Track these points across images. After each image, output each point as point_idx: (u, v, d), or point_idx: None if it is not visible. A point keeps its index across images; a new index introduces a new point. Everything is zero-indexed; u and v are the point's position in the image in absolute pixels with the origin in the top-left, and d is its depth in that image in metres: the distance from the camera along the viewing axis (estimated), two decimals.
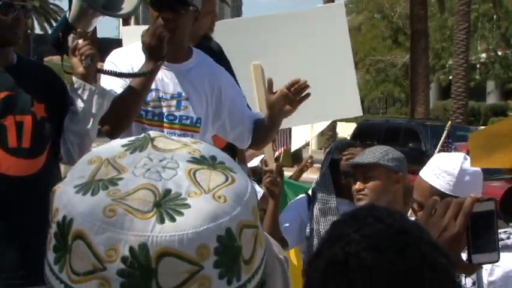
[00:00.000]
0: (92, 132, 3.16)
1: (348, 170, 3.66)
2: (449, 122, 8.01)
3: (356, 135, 21.81)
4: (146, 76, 3.19)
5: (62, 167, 3.37)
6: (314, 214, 3.77)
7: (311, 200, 3.84)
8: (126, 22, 40.72)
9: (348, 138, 34.59)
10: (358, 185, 3.52)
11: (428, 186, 2.97)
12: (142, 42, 3.21)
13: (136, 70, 3.26)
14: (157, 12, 3.25)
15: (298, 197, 4.10)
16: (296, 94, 3.39)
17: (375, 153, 3.53)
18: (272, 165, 4.02)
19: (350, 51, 5.12)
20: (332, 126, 27.68)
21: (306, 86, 3.39)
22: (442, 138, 7.00)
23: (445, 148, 6.82)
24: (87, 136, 3.15)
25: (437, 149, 6.81)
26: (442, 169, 2.99)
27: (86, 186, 0.99)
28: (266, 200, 3.73)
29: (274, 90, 3.45)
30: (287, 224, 3.82)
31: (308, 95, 3.41)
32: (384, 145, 3.80)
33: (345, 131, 34.32)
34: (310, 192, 3.95)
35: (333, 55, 4.97)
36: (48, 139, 3.11)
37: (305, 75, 4.83)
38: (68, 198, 0.99)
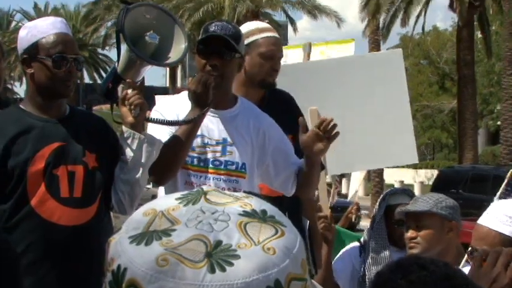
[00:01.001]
0: (142, 180, 3.19)
1: (401, 218, 3.64)
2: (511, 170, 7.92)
3: (438, 182, 20.32)
4: (192, 123, 3.21)
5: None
6: (366, 262, 3.76)
7: (363, 248, 3.83)
8: (173, 70, 41.25)
9: (396, 184, 34.28)
10: (410, 233, 3.47)
11: (497, 234, 2.87)
12: (188, 90, 3.25)
13: (182, 118, 3.29)
14: (204, 59, 3.30)
15: (350, 245, 4.09)
16: (325, 132, 3.37)
17: (428, 201, 3.49)
18: (327, 211, 4.05)
19: (407, 97, 5.08)
20: (379, 172, 27.49)
21: (334, 125, 3.38)
22: (503, 185, 6.93)
23: (505, 196, 6.71)
24: (137, 185, 3.18)
25: (497, 195, 6.72)
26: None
27: (140, 236, 1.03)
28: None
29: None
30: (339, 272, 3.83)
31: (337, 133, 3.39)
32: (470, 193, 3.73)
33: (392, 177, 34.06)
34: (362, 240, 3.95)
35: (390, 101, 4.95)
36: (100, 188, 3.14)
37: (362, 120, 4.84)
38: (122, 248, 1.02)
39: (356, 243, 3.98)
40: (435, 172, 32.09)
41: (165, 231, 1.02)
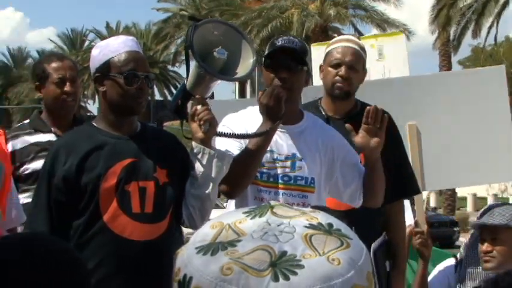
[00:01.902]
0: (213, 195, 3.20)
1: (476, 230, 3.59)
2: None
3: None
4: (263, 137, 3.22)
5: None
6: (462, 278, 3.71)
7: (459, 264, 3.78)
8: (242, 85, 41.48)
9: (469, 197, 33.69)
10: (485, 247, 3.41)
11: None
12: (260, 103, 3.25)
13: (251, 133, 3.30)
14: (272, 73, 3.32)
15: (446, 261, 4.04)
16: (375, 122, 3.34)
17: (504, 215, 3.42)
18: (424, 227, 4.02)
19: (509, 114, 4.95)
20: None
21: (380, 111, 3.33)
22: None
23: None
24: (208, 200, 3.19)
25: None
26: None
27: (206, 247, 1.05)
28: None
29: (429, 152, 3.41)
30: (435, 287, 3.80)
31: (386, 117, 3.34)
32: None
33: (465, 190, 33.47)
34: (458, 255, 3.90)
35: (490, 118, 4.84)
36: (171, 204, 3.16)
37: (461, 136, 4.79)
38: (189, 258, 1.05)
39: (452, 259, 3.93)
40: (509, 184, 31.44)
41: (230, 242, 1.04)
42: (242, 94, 45.74)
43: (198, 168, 3.17)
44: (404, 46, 5.99)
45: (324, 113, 3.86)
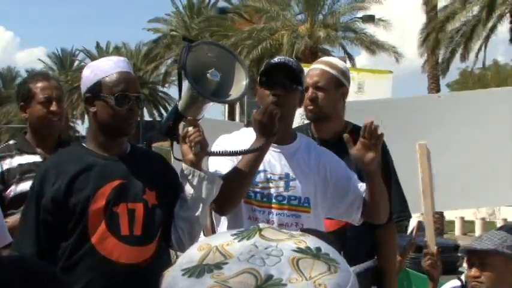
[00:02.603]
0: (202, 218, 3.19)
1: (464, 255, 3.59)
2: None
3: None
4: (256, 153, 3.22)
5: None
6: None
7: (464, 286, 3.77)
8: (231, 107, 41.49)
9: (456, 220, 33.67)
10: (474, 272, 3.40)
11: None
12: (254, 120, 3.25)
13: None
14: (267, 90, 3.32)
15: (450, 283, 4.05)
16: (371, 138, 3.31)
17: (492, 239, 3.42)
18: (433, 248, 4.01)
19: None
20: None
21: (376, 127, 3.31)
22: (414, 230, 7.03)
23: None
24: (197, 223, 3.17)
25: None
26: None
27: (192, 269, 1.05)
28: None
29: (439, 173, 3.39)
30: None
31: (382, 134, 3.32)
32: None
33: (452, 213, 33.46)
34: (463, 277, 3.89)
35: (501, 139, 4.81)
36: (159, 226, 3.14)
37: (473, 157, 4.78)
38: (174, 280, 1.05)
39: (457, 281, 3.93)
40: (497, 209, 31.44)
41: (217, 265, 1.04)
42: (231, 115, 45.73)
43: (188, 190, 3.15)
44: (390, 85, 6.02)
45: (311, 135, 3.87)
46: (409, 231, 11.62)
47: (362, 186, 3.50)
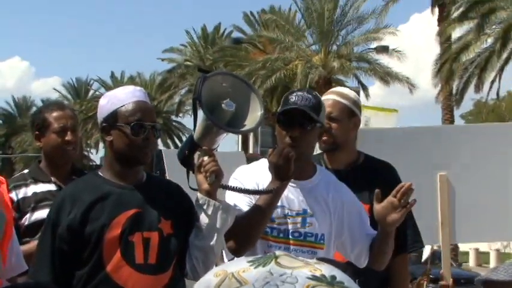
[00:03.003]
0: (217, 248, 3.17)
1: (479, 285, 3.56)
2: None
3: None
4: (272, 194, 3.21)
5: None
6: None
7: None
8: (245, 136, 41.59)
9: (471, 252, 33.47)
10: None
11: None
12: (269, 162, 3.25)
13: (261, 187, 3.29)
14: (284, 130, 3.32)
15: None
16: (402, 199, 3.29)
17: (508, 271, 3.41)
18: (449, 280, 4.00)
19: None
20: None
21: (410, 190, 3.29)
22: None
23: None
24: (212, 252, 3.16)
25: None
26: None
27: None
28: None
29: (459, 204, 3.38)
30: None
31: (414, 201, 3.30)
32: None
33: (466, 244, 33.30)
34: None
35: None
36: (174, 255, 3.14)
37: (490, 189, 4.76)
38: None
39: None
40: None
41: None
42: (245, 144, 45.82)
43: (203, 219, 3.14)
44: (395, 123, 6.03)
45: (324, 166, 3.87)
46: (423, 259, 11.59)
47: (373, 233, 3.51)
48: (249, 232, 3.23)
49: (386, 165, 4.06)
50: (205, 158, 3.17)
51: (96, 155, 59.02)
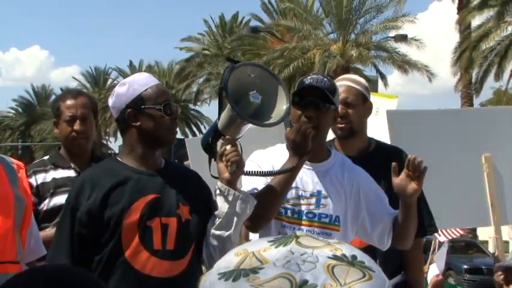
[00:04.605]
0: (234, 237, 3.18)
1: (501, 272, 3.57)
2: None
3: None
4: (289, 173, 3.23)
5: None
6: None
7: None
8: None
9: (490, 241, 33.24)
10: None
11: None
12: (287, 139, 3.27)
13: (277, 169, 3.30)
14: (300, 110, 3.33)
15: None
16: (415, 170, 3.32)
17: None
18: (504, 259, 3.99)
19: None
20: (472, 229, 26.74)
21: (420, 162, 3.31)
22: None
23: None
24: (229, 241, 3.16)
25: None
26: None
27: (228, 274, 1.07)
28: None
29: (506, 183, 3.38)
30: None
31: (425, 168, 3.32)
32: None
33: (486, 233, 33.12)
34: None
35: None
36: (192, 241, 3.16)
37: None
38: (211, 284, 1.07)
39: None
40: None
41: (253, 269, 1.06)
42: None
43: (222, 208, 3.15)
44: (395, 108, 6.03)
45: None
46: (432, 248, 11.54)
47: (394, 212, 3.51)
48: (266, 209, 3.24)
49: (398, 150, 4.08)
50: (228, 147, 3.17)
51: (115, 143, 59.14)
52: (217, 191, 3.17)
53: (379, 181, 3.61)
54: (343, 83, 3.94)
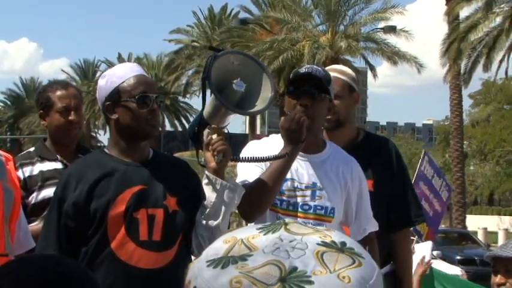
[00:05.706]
0: (223, 226, 3.17)
1: (488, 261, 3.57)
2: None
3: None
4: (284, 160, 3.21)
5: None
6: None
7: None
8: (252, 117, 41.52)
9: (479, 231, 33.48)
10: (499, 279, 3.40)
11: None
12: (281, 127, 3.26)
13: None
14: (295, 99, 3.32)
15: None
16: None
17: None
18: None
19: None
20: (461, 219, 26.83)
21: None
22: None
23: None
24: (218, 231, 3.14)
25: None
26: None
27: (217, 261, 1.06)
28: None
29: None
30: None
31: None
32: None
33: (476, 224, 33.32)
34: None
35: None
36: (180, 232, 3.14)
37: None
38: (199, 271, 1.06)
39: None
40: None
41: (242, 256, 1.06)
42: (252, 125, 45.84)
43: (210, 198, 3.14)
44: None
45: None
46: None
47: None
48: (261, 198, 3.24)
49: (386, 140, 4.08)
50: (214, 136, 3.15)
51: (104, 136, 59.17)
52: (205, 180, 3.16)
53: (367, 171, 3.61)
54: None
